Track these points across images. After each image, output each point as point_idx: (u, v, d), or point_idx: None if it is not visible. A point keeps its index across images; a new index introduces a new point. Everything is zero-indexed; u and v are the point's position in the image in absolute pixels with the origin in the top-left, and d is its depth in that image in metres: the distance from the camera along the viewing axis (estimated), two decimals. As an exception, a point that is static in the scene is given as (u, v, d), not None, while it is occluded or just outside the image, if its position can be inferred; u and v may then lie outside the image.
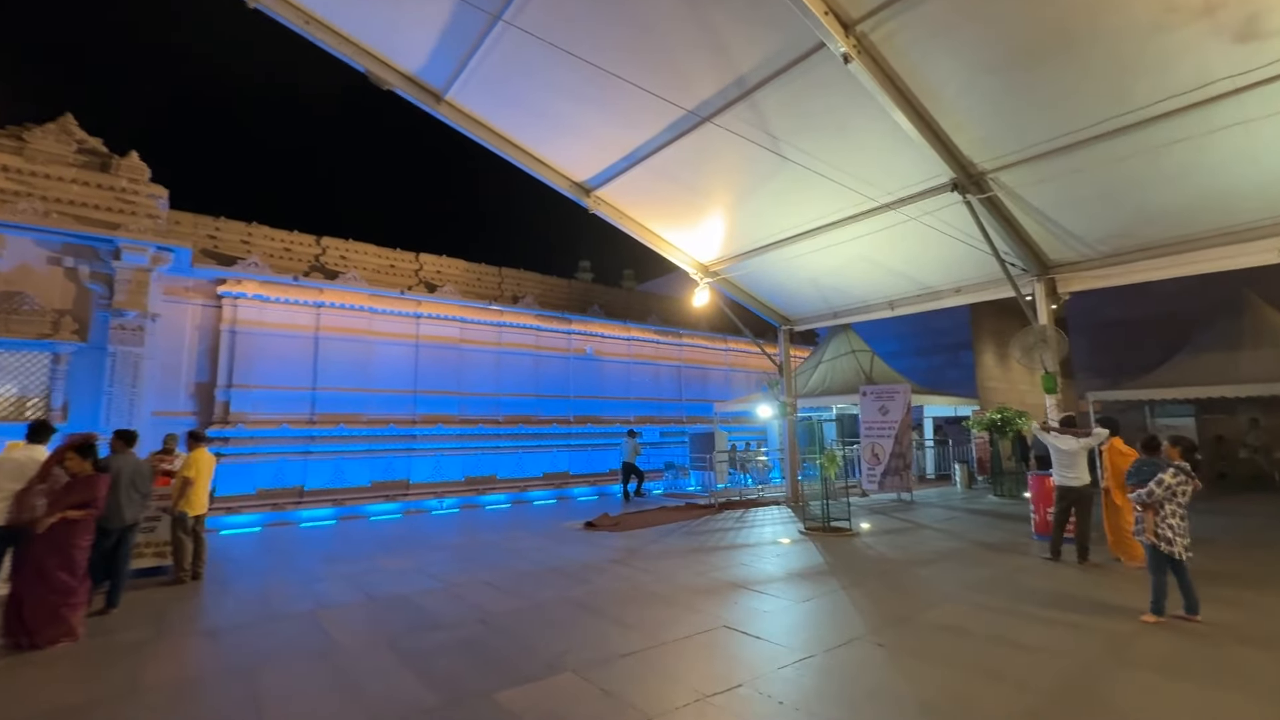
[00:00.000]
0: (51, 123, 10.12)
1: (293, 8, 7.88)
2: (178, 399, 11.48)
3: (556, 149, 9.89)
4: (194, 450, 7.33)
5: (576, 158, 9.97)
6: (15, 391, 9.41)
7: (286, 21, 7.86)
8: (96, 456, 5.17)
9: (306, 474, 12.36)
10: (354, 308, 13.32)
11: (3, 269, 9.31)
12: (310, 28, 7.98)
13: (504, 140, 9.61)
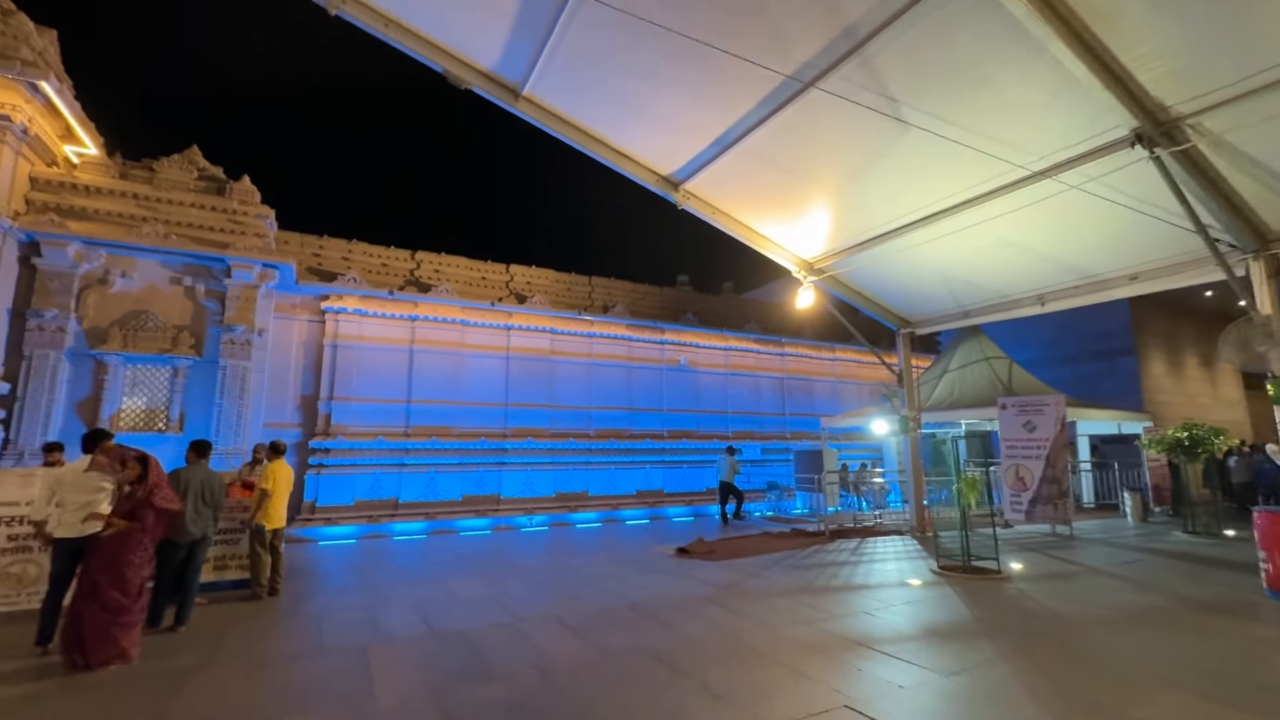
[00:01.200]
0: (179, 153, 10.89)
1: (373, 11, 7.75)
2: (286, 411, 11.90)
3: (640, 140, 9.14)
4: (272, 462, 7.20)
5: (662, 148, 9.16)
6: (144, 404, 10.04)
7: (367, 27, 7.73)
8: (150, 470, 4.95)
9: (401, 487, 12.38)
10: (446, 320, 13.33)
11: (132, 289, 10.01)
12: (390, 30, 7.81)
13: (585, 134, 9.01)
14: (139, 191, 10.13)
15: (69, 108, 9.64)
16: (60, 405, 9.32)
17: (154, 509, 4.83)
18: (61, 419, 9.30)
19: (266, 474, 7.03)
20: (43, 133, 9.50)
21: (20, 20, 9.02)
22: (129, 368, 9.84)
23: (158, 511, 4.86)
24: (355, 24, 7.72)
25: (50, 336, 9.25)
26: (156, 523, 4.89)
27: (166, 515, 4.93)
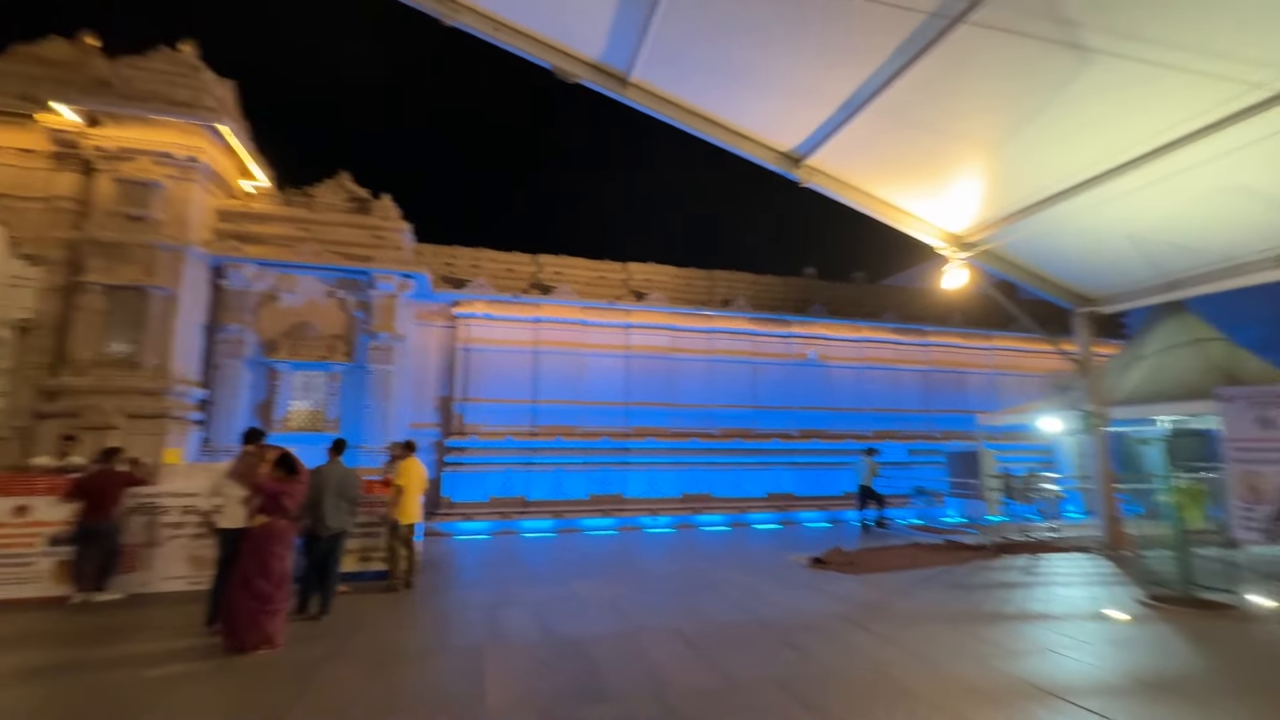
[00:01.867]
0: (330, 179, 12.01)
1: (483, 17, 7.87)
2: (426, 411, 12.69)
3: (755, 115, 8.46)
4: (406, 459, 7.51)
5: (780, 122, 8.41)
6: (309, 405, 11.15)
7: (478, 32, 7.86)
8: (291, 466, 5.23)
9: (529, 485, 12.69)
10: (567, 321, 13.49)
11: (295, 303, 11.16)
12: (500, 34, 7.88)
13: (696, 116, 8.51)
14: (299, 216, 11.28)
15: (244, 148, 10.95)
16: (243, 408, 10.60)
17: (292, 504, 5.10)
18: (244, 420, 10.56)
19: (400, 471, 7.34)
20: (224, 170, 10.88)
21: (205, 74, 10.38)
22: (295, 373, 10.97)
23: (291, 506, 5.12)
24: (469, 31, 7.89)
25: (233, 348, 10.55)
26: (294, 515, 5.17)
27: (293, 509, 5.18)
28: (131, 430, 9.08)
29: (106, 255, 9.38)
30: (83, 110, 9.50)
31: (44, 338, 9.49)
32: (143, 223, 9.61)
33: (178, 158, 9.91)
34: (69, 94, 9.42)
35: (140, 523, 6.96)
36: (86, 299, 9.29)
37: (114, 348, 9.30)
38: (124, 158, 9.65)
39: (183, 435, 9.70)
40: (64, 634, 5.47)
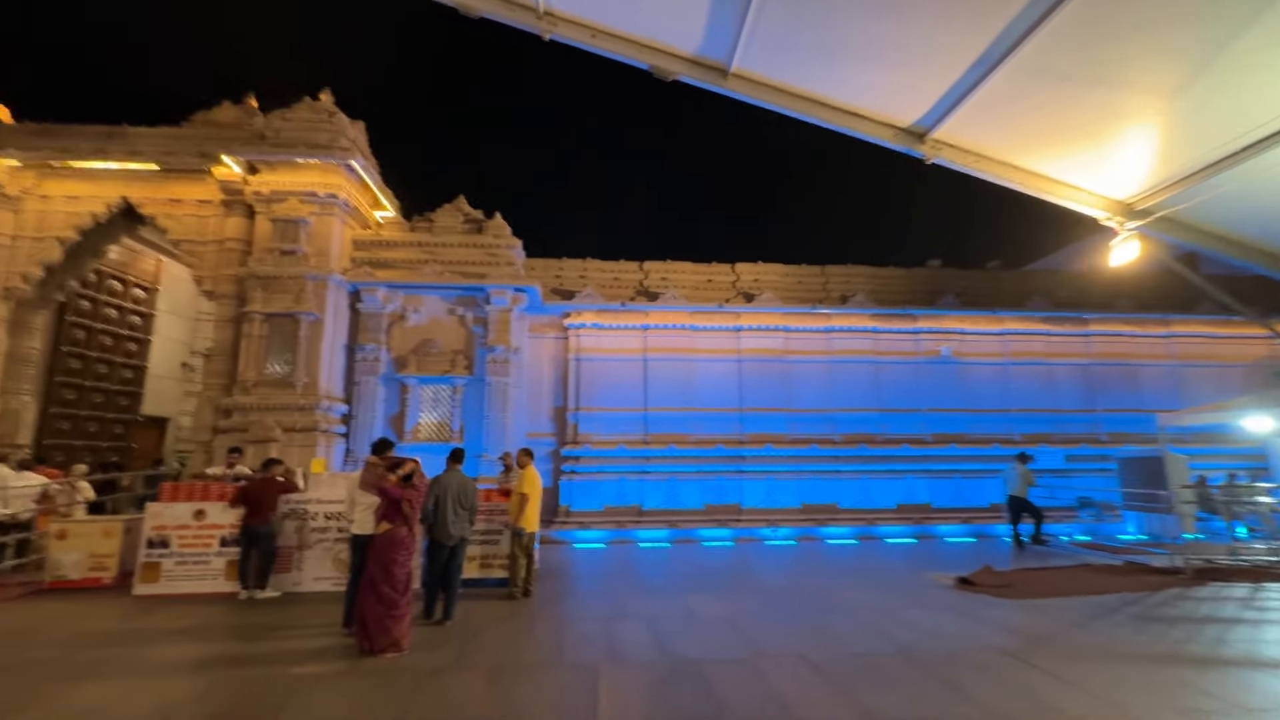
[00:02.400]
0: (449, 203, 12.76)
1: (581, 26, 7.91)
2: (541, 421, 13.01)
3: (869, 91, 7.75)
4: (526, 468, 7.60)
5: (898, 94, 7.64)
6: (435, 418, 11.82)
7: (576, 42, 7.91)
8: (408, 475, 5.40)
9: (643, 494, 12.56)
10: (675, 327, 13.28)
11: (421, 322, 11.91)
12: (597, 40, 7.87)
13: (803, 99, 7.96)
14: (422, 240, 12.07)
15: (374, 181, 11.91)
16: (379, 421, 11.45)
17: (413, 510, 5.26)
18: (380, 432, 11.39)
19: (524, 479, 7.41)
20: (359, 204, 11.89)
21: (340, 118, 11.43)
22: (422, 387, 11.69)
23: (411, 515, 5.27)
24: (567, 43, 7.97)
25: (370, 365, 11.45)
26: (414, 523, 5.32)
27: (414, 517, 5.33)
28: (288, 443, 10.08)
29: (265, 287, 10.56)
30: (244, 161, 10.80)
31: (221, 363, 10.84)
32: (293, 256, 10.72)
33: (320, 195, 10.97)
34: (233, 148, 10.76)
35: (292, 527, 7.62)
36: (250, 327, 10.49)
37: (273, 369, 10.42)
38: (277, 199, 10.84)
39: (329, 447, 10.63)
40: (229, 627, 6.03)
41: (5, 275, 10.90)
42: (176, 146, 11.20)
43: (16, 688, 4.35)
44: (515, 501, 7.43)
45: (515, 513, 7.36)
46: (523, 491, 7.36)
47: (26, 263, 10.97)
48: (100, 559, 7.84)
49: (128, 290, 13.67)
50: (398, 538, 5.17)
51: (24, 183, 11.06)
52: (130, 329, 13.80)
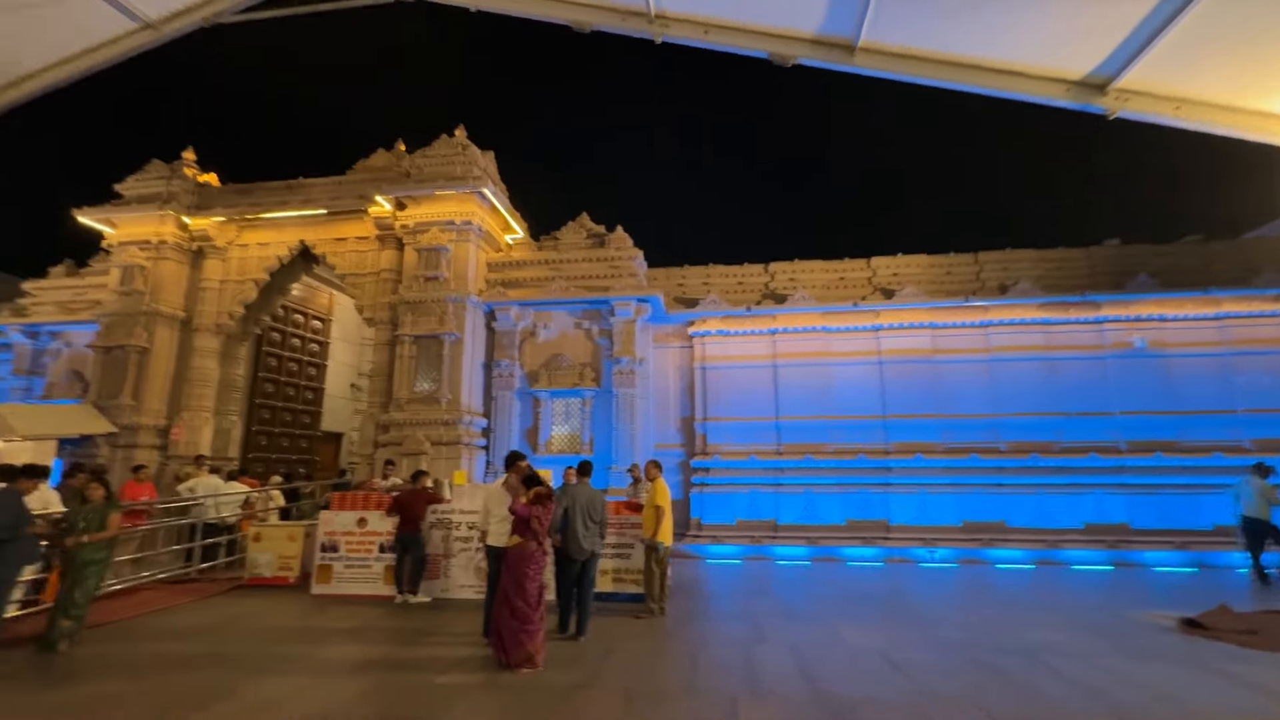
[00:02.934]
0: (573, 221, 13.11)
1: (694, 24, 7.68)
2: (669, 432, 12.83)
3: (1030, 42, 6.64)
4: (656, 480, 7.37)
5: (1067, 41, 6.45)
6: (567, 430, 12.09)
7: (690, 40, 7.68)
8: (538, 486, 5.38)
9: (779, 507, 11.88)
10: (807, 330, 12.49)
11: (550, 337, 12.28)
12: (711, 35, 7.57)
13: (948, 64, 7.03)
14: (549, 258, 12.49)
15: (504, 206, 12.55)
16: (515, 434, 11.93)
17: (542, 525, 5.22)
18: (516, 445, 11.86)
19: (655, 492, 7.18)
20: (491, 229, 12.59)
21: (472, 150, 12.21)
22: (554, 401, 12.02)
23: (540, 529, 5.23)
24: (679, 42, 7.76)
25: (505, 381, 11.99)
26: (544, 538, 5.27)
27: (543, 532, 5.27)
28: (435, 455, 10.80)
29: (413, 311, 11.47)
30: (393, 199, 11.87)
31: (379, 382, 11.93)
32: (435, 281, 11.55)
33: (457, 223, 11.75)
34: (384, 188, 11.87)
35: (439, 536, 8.05)
36: (402, 348, 11.44)
37: (421, 386, 11.26)
38: (421, 230, 11.78)
39: (471, 459, 11.23)
40: (385, 630, 6.42)
41: (216, 314, 12.89)
42: (340, 192, 12.61)
43: (219, 679, 4.87)
44: (650, 515, 7.21)
45: (650, 526, 7.15)
46: (657, 504, 7.13)
47: (231, 303, 12.88)
48: (287, 560, 8.82)
49: (308, 322, 15.63)
50: (528, 552, 5.15)
51: (229, 235, 13.05)
52: (310, 355, 15.74)
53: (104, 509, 5.67)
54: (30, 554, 5.25)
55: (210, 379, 12.82)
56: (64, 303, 13.67)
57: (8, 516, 5.09)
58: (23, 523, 5.24)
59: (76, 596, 5.43)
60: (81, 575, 5.46)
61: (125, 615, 6.95)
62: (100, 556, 5.67)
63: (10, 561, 5.11)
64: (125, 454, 11.79)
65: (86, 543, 5.49)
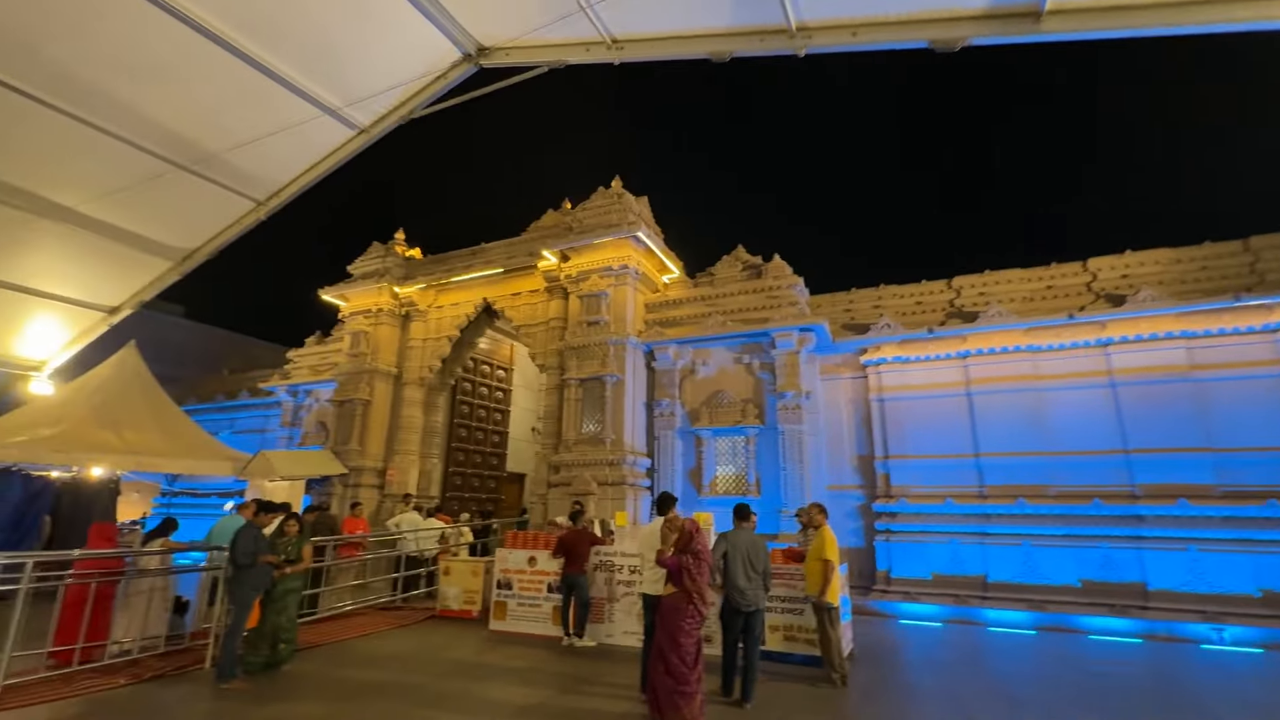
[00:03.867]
0: (728, 255, 12.87)
1: (838, 29, 7.14)
2: (844, 472, 11.64)
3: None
4: (822, 527, 6.60)
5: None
6: (731, 471, 11.56)
7: (837, 47, 7.15)
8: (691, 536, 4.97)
9: (987, 561, 10.03)
10: (1007, 350, 10.65)
11: (709, 374, 11.96)
12: (860, 36, 6.99)
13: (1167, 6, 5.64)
14: (704, 294, 12.33)
15: (658, 247, 12.74)
16: (678, 474, 11.68)
17: (695, 575, 4.80)
18: (680, 486, 11.59)
19: (825, 543, 6.37)
20: (647, 271, 12.82)
21: (627, 198, 12.66)
22: (716, 440, 11.59)
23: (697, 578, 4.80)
24: (826, 51, 7.26)
25: (666, 420, 11.88)
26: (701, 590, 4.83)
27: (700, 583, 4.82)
28: (601, 496, 10.93)
29: (577, 356, 11.97)
30: (558, 252, 12.67)
31: (551, 425, 12.55)
32: (597, 325, 11.97)
33: (615, 268, 12.14)
34: (549, 243, 12.75)
35: (603, 579, 7.97)
36: (569, 392, 11.95)
37: (587, 428, 11.58)
38: (582, 278, 12.37)
39: (636, 499, 11.18)
40: (549, 674, 6.38)
41: (420, 369, 14.70)
42: (514, 251, 13.82)
43: (397, 711, 5.14)
44: (814, 569, 6.37)
45: (815, 583, 6.30)
46: (824, 557, 6.30)
47: (431, 358, 14.63)
48: (470, 594, 9.39)
49: (493, 371, 17.20)
50: (682, 604, 4.75)
51: (428, 299, 14.95)
52: (496, 402, 17.24)
53: (299, 542, 6.46)
54: (263, 580, 6.10)
55: (416, 425, 14.55)
56: (314, 366, 16.65)
57: (248, 545, 6.00)
58: (261, 551, 6.13)
59: (283, 622, 6.21)
60: (283, 603, 6.24)
61: (339, 638, 7.83)
62: (296, 585, 6.46)
63: (247, 585, 5.98)
64: (353, 492, 13.74)
65: (288, 573, 6.27)
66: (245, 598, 5.95)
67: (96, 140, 7.49)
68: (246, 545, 5.99)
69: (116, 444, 10.27)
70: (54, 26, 6.15)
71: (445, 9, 6.53)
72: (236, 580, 6.01)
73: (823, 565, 6.25)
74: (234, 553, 6.00)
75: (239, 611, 5.91)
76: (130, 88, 6.88)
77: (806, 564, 6.56)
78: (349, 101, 7.60)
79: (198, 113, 7.42)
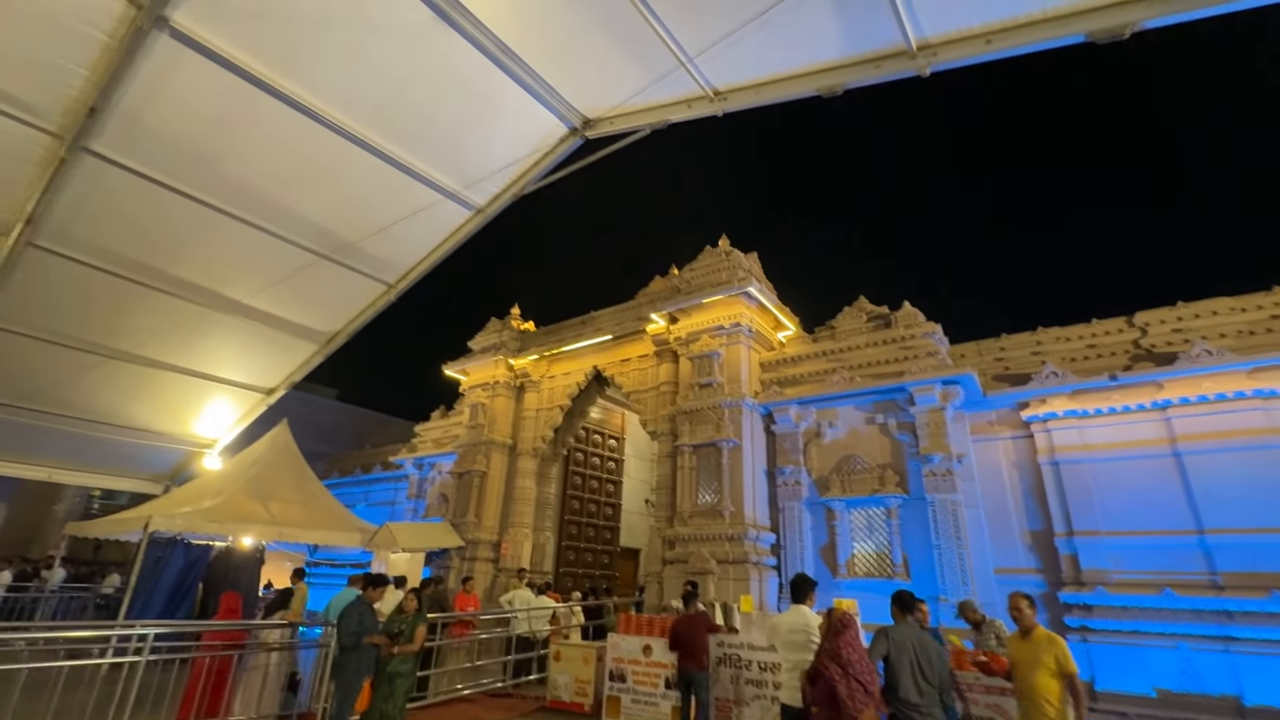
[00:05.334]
0: (849, 306, 11.85)
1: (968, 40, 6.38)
2: (1015, 552, 9.68)
3: None
4: (1036, 628, 4.73)
5: None
6: (871, 548, 10.05)
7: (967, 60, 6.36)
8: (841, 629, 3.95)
9: (1236, 675, 7.63)
10: (1225, 397, 8.53)
11: (839, 436, 10.72)
12: (993, 44, 6.18)
13: None
14: (826, 349, 11.31)
15: (771, 303, 12.03)
16: (809, 550, 10.33)
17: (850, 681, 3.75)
18: (812, 565, 10.21)
19: (1059, 647, 4.38)
20: (760, 328, 12.09)
21: (735, 255, 12.21)
22: (851, 511, 10.20)
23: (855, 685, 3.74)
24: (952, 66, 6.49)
25: (791, 489, 10.70)
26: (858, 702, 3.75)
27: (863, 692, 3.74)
28: (722, 576, 9.86)
29: (690, 420, 11.29)
30: (666, 315, 12.36)
31: (664, 495, 11.80)
32: (710, 388, 11.30)
33: (726, 327, 11.56)
34: (658, 306, 12.48)
35: (728, 675, 6.86)
36: (682, 459, 11.21)
37: (703, 499, 10.70)
38: (693, 339, 11.88)
39: (762, 579, 9.97)
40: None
41: (533, 439, 14.72)
42: (622, 317, 13.73)
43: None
44: (1045, 685, 4.31)
45: (1045, 708, 4.27)
46: (1066, 670, 4.29)
47: (544, 428, 14.62)
48: (581, 684, 8.56)
49: (605, 441, 16.89)
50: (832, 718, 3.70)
51: (541, 370, 15.15)
52: (608, 473, 16.81)
53: (415, 620, 6.06)
54: (369, 662, 5.76)
55: (530, 497, 14.40)
56: (437, 439, 17.32)
57: (351, 625, 5.71)
58: (366, 631, 5.82)
59: (389, 710, 5.74)
60: (391, 687, 5.79)
61: (447, 727, 7.30)
62: (406, 669, 5.98)
63: (352, 669, 5.65)
64: (469, 565, 13.65)
65: (396, 654, 5.85)
66: (350, 681, 5.62)
67: (261, 240, 8.30)
68: (350, 625, 5.71)
69: (263, 515, 10.92)
70: (228, 143, 6.95)
71: (552, 87, 6.62)
72: (341, 661, 5.73)
73: (1066, 682, 4.31)
74: (339, 631, 5.76)
75: (343, 695, 5.58)
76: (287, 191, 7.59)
77: (1029, 680, 4.43)
78: (466, 184, 7.88)
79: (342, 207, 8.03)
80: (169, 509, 10.42)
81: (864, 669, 3.93)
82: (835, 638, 4.25)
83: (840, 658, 4.04)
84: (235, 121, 6.55)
